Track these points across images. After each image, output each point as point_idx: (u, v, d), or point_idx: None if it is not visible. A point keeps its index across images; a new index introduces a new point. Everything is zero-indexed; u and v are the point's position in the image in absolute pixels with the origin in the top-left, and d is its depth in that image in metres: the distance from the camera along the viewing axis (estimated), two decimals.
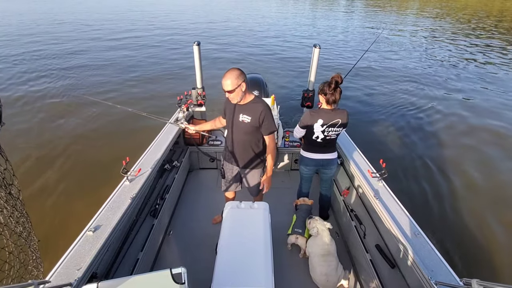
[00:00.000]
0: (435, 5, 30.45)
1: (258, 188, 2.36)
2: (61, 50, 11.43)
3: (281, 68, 9.59)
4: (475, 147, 5.18)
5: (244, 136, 2.14)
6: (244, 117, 2.06)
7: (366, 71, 9.29)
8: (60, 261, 1.54)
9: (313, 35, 15.57)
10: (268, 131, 2.09)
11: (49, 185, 4.04)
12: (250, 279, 1.61)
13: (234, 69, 1.92)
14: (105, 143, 5.06)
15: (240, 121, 2.09)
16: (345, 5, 30.25)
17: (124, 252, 2.00)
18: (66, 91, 7.26)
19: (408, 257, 1.74)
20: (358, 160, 2.67)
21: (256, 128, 2.08)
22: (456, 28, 17.54)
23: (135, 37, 14.01)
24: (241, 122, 2.08)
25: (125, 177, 2.18)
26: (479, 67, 9.97)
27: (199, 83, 3.40)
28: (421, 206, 3.77)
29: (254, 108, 2.03)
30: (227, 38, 14.03)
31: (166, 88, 7.64)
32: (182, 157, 3.29)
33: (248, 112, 2.05)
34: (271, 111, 2.07)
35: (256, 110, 2.02)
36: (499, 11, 27.36)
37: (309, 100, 3.33)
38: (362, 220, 2.44)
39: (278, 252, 2.25)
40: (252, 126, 2.07)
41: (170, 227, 2.79)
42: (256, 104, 2.04)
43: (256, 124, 2.05)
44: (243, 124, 2.08)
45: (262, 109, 2.01)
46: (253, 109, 2.03)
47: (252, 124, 2.06)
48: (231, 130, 2.19)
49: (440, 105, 6.89)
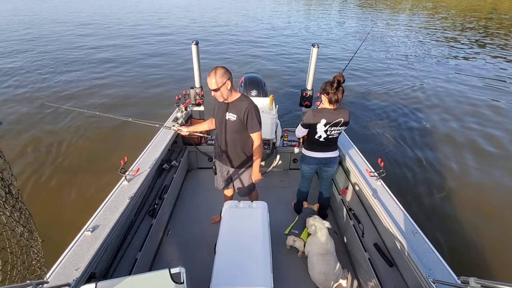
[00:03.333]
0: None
1: (248, 189, 2.38)
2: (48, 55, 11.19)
3: (280, 68, 9.59)
4: (474, 146, 5.21)
5: (233, 134, 2.15)
6: (230, 115, 2.08)
7: (360, 69, 9.34)
8: (58, 261, 1.54)
9: (312, 34, 15.57)
10: (252, 129, 2.10)
11: (47, 183, 4.03)
12: (249, 278, 1.61)
13: (219, 67, 1.93)
14: (103, 146, 5.01)
15: (227, 119, 2.10)
16: (340, 5, 30.28)
17: (122, 252, 1.99)
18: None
19: (406, 256, 1.75)
20: (357, 160, 2.67)
21: (242, 126, 2.09)
22: (455, 27, 17.63)
23: (134, 37, 13.97)
24: (228, 120, 2.10)
25: (123, 177, 2.18)
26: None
27: (197, 82, 3.39)
28: (419, 205, 3.79)
29: (239, 106, 2.04)
30: (226, 38, 14.01)
31: (165, 88, 7.60)
32: (180, 156, 3.29)
33: (233, 110, 2.06)
34: (257, 110, 2.08)
35: (241, 107, 2.03)
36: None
37: (307, 100, 3.34)
38: (361, 219, 2.45)
39: (276, 251, 2.26)
40: (239, 124, 2.08)
41: (169, 227, 2.79)
42: (241, 102, 2.04)
43: (241, 121, 2.06)
44: (230, 122, 2.10)
45: (246, 106, 2.02)
46: (238, 107, 2.04)
47: (238, 122, 2.07)
48: (220, 129, 2.21)
49: (437, 100, 6.95)
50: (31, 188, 3.96)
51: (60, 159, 4.63)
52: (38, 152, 4.77)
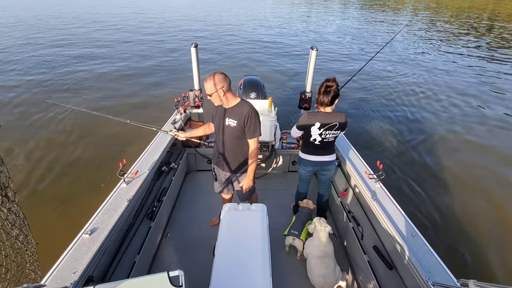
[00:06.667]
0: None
1: (248, 193, 2.36)
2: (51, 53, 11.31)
3: (279, 70, 9.61)
4: (474, 146, 5.23)
5: (232, 140, 2.13)
6: (230, 121, 2.06)
7: (363, 71, 9.34)
8: (56, 264, 1.53)
9: (311, 36, 15.64)
10: (250, 135, 2.07)
11: (45, 187, 4.01)
12: (248, 281, 1.61)
13: (217, 73, 1.93)
14: (101, 149, 4.98)
15: (227, 125, 2.08)
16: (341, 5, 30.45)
17: (121, 255, 1.98)
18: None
19: (406, 258, 1.74)
20: (356, 162, 2.68)
21: (242, 131, 2.07)
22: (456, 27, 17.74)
23: (133, 36, 14.00)
24: (227, 126, 2.08)
25: (122, 179, 2.17)
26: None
27: (197, 84, 3.40)
28: (418, 207, 3.79)
29: (239, 111, 2.03)
30: (225, 40, 14.05)
31: (164, 91, 7.60)
32: (179, 159, 3.28)
33: (233, 116, 2.04)
34: (257, 115, 2.06)
35: (241, 113, 2.01)
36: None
37: (306, 102, 3.34)
38: (360, 221, 2.45)
39: (275, 254, 2.25)
40: (238, 130, 2.06)
41: (168, 230, 2.78)
42: (241, 108, 2.03)
43: (241, 127, 2.04)
44: (230, 128, 2.08)
45: (246, 112, 2.00)
46: (238, 113, 2.03)
47: (238, 128, 2.05)
48: (219, 135, 2.18)
49: (437, 102, 6.98)
50: (26, 190, 3.94)
51: (58, 159, 4.62)
52: (32, 152, 4.75)
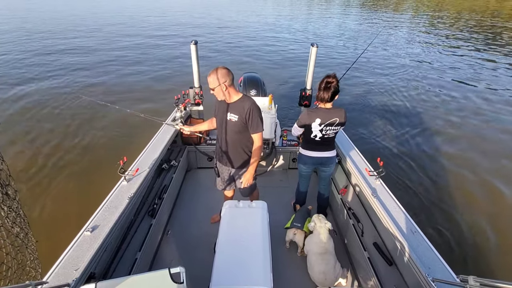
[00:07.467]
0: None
1: (249, 189, 2.37)
2: (50, 46, 11.34)
3: (279, 67, 9.59)
4: (474, 145, 5.22)
5: (234, 135, 2.13)
6: (231, 116, 2.06)
7: (363, 67, 9.33)
8: (58, 261, 1.53)
9: (311, 34, 15.57)
10: (253, 130, 2.08)
11: (46, 182, 4.03)
12: (249, 277, 1.61)
13: (220, 68, 1.93)
14: (102, 143, 5.03)
15: (229, 120, 2.09)
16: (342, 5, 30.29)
17: (122, 252, 1.99)
18: (61, 89, 7.22)
19: (406, 255, 1.75)
20: (356, 159, 2.68)
21: (244, 126, 2.07)
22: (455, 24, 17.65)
23: (132, 36, 13.94)
24: (229, 121, 2.09)
25: (123, 177, 2.17)
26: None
27: (197, 82, 3.39)
28: (418, 204, 3.80)
29: (241, 106, 2.03)
30: (225, 37, 14.00)
31: (164, 87, 7.60)
32: (180, 156, 3.28)
33: (235, 111, 2.05)
34: (259, 110, 2.06)
35: (243, 107, 2.02)
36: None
37: (306, 99, 3.34)
38: (360, 218, 2.45)
39: (276, 250, 2.25)
40: (240, 125, 2.06)
41: (168, 227, 2.79)
42: (243, 103, 2.03)
43: (243, 122, 2.04)
44: (232, 123, 2.08)
45: (248, 106, 2.00)
46: (240, 107, 2.03)
47: (240, 123, 2.05)
48: (221, 130, 2.19)
49: (436, 97, 6.95)
50: (26, 187, 3.95)
51: (58, 154, 4.64)
52: (33, 147, 4.78)
